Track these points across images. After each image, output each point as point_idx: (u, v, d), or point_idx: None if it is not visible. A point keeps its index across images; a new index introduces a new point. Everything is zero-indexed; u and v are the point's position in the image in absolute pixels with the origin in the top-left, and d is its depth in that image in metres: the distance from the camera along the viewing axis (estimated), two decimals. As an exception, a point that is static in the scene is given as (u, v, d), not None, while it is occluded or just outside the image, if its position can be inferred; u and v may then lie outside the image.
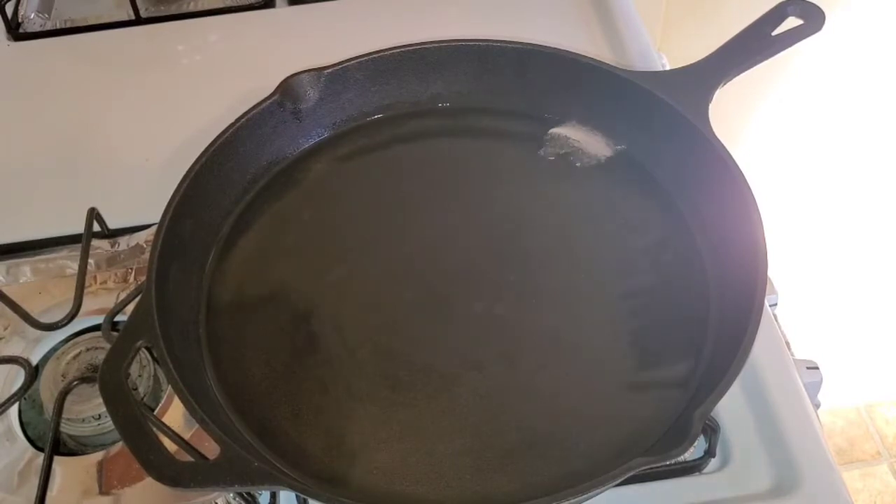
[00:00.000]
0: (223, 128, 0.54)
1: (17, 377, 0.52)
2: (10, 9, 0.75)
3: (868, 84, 1.03)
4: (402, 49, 0.58)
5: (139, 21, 0.75)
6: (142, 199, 0.57)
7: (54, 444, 0.47)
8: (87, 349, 0.52)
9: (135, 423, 0.41)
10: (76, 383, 0.50)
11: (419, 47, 0.59)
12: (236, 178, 0.56)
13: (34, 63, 0.73)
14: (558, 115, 0.59)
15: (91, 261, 0.55)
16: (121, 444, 0.48)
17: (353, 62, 0.58)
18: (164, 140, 0.65)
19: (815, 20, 0.56)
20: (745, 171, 0.50)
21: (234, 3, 0.76)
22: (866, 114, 1.06)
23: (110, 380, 0.42)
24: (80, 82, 0.71)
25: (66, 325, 0.51)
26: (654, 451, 0.41)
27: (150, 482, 0.40)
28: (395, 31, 0.63)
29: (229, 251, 0.54)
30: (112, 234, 0.58)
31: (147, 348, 0.45)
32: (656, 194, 0.56)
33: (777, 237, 0.52)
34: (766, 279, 0.46)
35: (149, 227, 0.57)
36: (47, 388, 0.50)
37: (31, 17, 0.76)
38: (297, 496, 0.48)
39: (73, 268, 0.55)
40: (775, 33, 0.56)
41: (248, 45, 0.74)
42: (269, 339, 0.51)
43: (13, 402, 0.49)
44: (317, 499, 0.42)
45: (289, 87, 0.56)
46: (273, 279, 0.53)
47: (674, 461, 0.47)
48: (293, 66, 0.57)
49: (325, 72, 0.57)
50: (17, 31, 0.75)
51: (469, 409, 0.47)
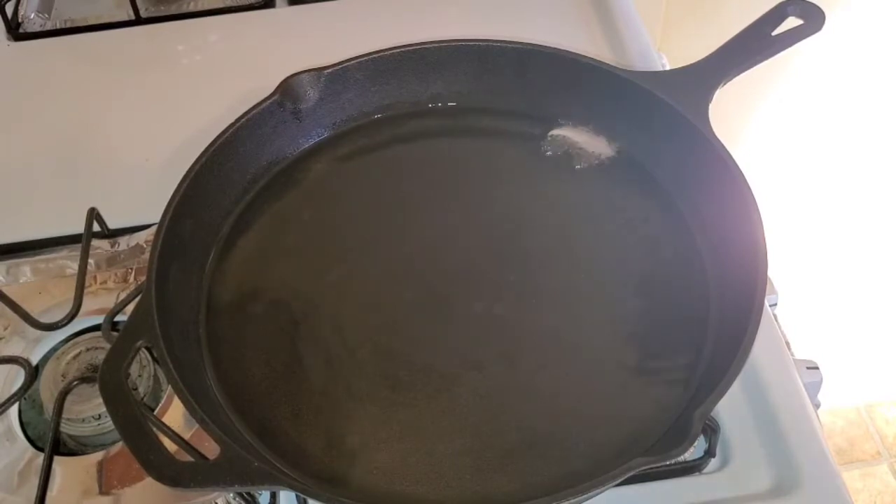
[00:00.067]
0: (223, 128, 0.54)
1: (17, 377, 0.52)
2: (10, 9, 0.75)
3: (868, 84, 1.03)
4: (402, 49, 0.58)
5: (139, 21, 0.75)
6: (142, 199, 0.57)
7: (54, 444, 0.47)
8: (87, 349, 0.52)
9: (135, 423, 0.41)
10: (76, 383, 0.50)
11: (419, 47, 0.59)
12: (236, 178, 0.56)
13: (34, 63, 0.73)
14: (558, 115, 0.59)
15: (91, 261, 0.55)
16: (121, 444, 0.48)
17: (353, 62, 0.58)
18: (164, 140, 0.65)
19: (815, 20, 0.56)
20: (745, 171, 0.50)
21: (234, 3, 0.76)
22: (866, 114, 1.06)
23: (110, 380, 0.42)
24: (80, 82, 0.71)
25: (66, 325, 0.51)
26: (654, 451, 0.41)
27: (150, 482, 0.40)
28: (395, 31, 0.63)
29: (229, 251, 0.54)
30: (112, 234, 0.58)
31: (147, 348, 0.45)
32: (656, 194, 0.56)
33: (777, 237, 0.52)
34: (766, 279, 0.46)
35: (149, 227, 0.57)
36: (47, 388, 0.50)
37: (31, 17, 0.76)
38: (297, 496, 0.48)
39: (73, 268, 0.55)
40: (775, 33, 0.56)
41: (248, 45, 0.74)
42: (269, 339, 0.51)
43: (13, 402, 0.49)
44: (317, 499, 0.42)
45: (289, 87, 0.56)
46: (273, 279, 0.53)
47: (674, 461, 0.47)
48: (293, 66, 0.57)
49: (325, 72, 0.57)
50: (17, 31, 0.75)
51: (469, 409, 0.47)
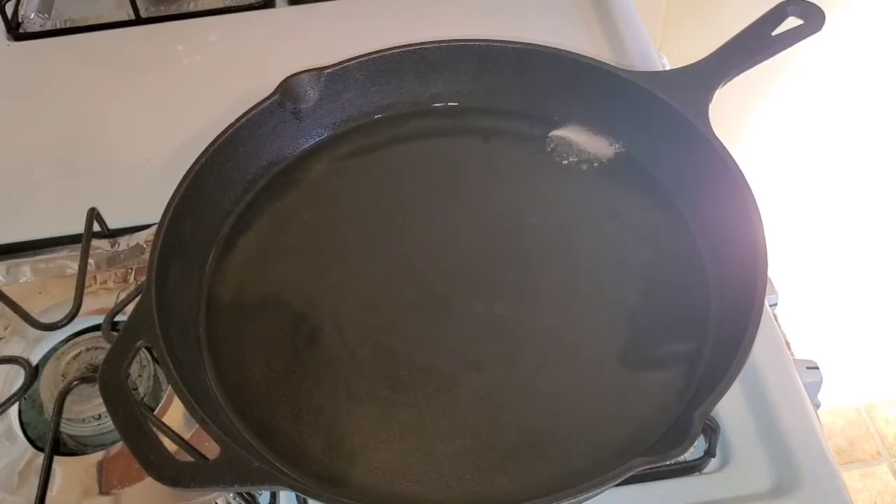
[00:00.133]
0: (223, 128, 0.54)
1: (17, 377, 0.52)
2: (10, 9, 0.75)
3: (868, 84, 1.03)
4: (402, 49, 0.58)
5: (139, 21, 0.75)
6: (142, 199, 0.57)
7: (54, 444, 0.47)
8: (87, 349, 0.52)
9: (135, 423, 0.41)
10: (76, 383, 0.50)
11: (419, 47, 0.59)
12: (236, 178, 0.56)
13: (34, 63, 0.73)
14: (558, 115, 0.59)
15: (91, 261, 0.55)
16: (121, 444, 0.48)
17: (353, 62, 0.58)
18: (164, 140, 0.65)
19: (815, 20, 0.56)
20: (745, 171, 0.50)
21: (234, 3, 0.76)
22: (866, 114, 1.06)
23: (110, 380, 0.42)
24: (80, 82, 0.71)
25: (66, 325, 0.51)
26: (654, 451, 0.41)
27: (150, 482, 0.40)
28: (395, 31, 0.63)
29: (229, 251, 0.54)
30: (112, 234, 0.58)
31: (147, 348, 0.45)
32: (656, 194, 0.56)
33: (777, 237, 0.52)
34: (766, 279, 0.46)
35: (149, 227, 0.57)
36: (47, 388, 0.50)
37: (31, 17, 0.76)
38: (297, 496, 0.48)
39: (73, 268, 0.55)
40: (775, 33, 0.56)
41: (248, 45, 0.74)
42: (269, 339, 0.51)
43: (13, 402, 0.49)
44: (317, 499, 0.42)
45: (289, 87, 0.56)
46: (273, 279, 0.53)
47: (674, 461, 0.47)
48: (293, 66, 0.57)
49: (325, 72, 0.57)
50: (17, 31, 0.75)
51: (469, 409, 0.47)
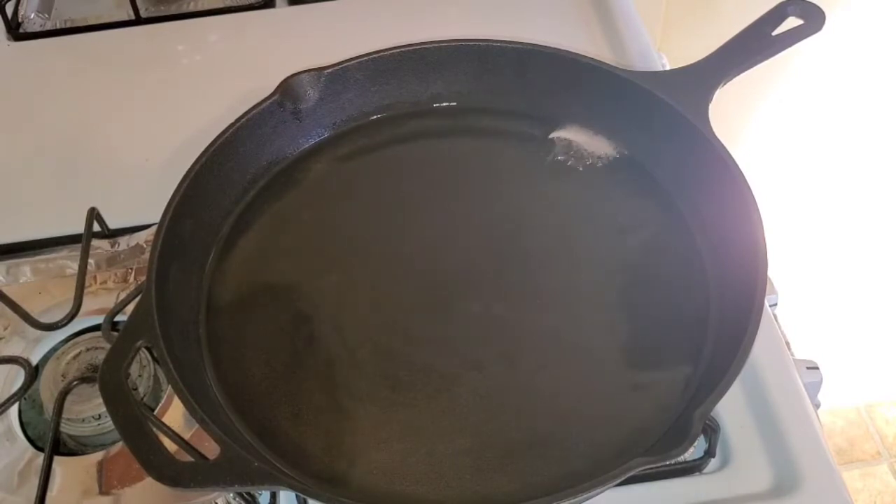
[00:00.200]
0: (223, 128, 0.54)
1: (17, 377, 0.52)
2: (10, 9, 0.75)
3: (868, 84, 1.03)
4: (402, 49, 0.58)
5: (139, 21, 0.75)
6: (142, 199, 0.57)
7: (54, 444, 0.47)
8: (87, 349, 0.52)
9: (135, 423, 0.41)
10: (76, 383, 0.50)
11: (419, 47, 0.59)
12: (236, 178, 0.56)
13: (34, 63, 0.73)
14: (558, 115, 0.59)
15: (91, 261, 0.55)
16: (121, 444, 0.48)
17: (353, 62, 0.58)
18: (164, 140, 0.65)
19: (815, 20, 0.56)
20: (745, 171, 0.50)
21: (234, 3, 0.76)
22: (866, 114, 1.06)
23: (110, 380, 0.42)
24: (80, 82, 0.71)
25: (66, 325, 0.51)
26: (654, 451, 0.41)
27: (150, 482, 0.40)
28: (395, 31, 0.63)
29: (229, 251, 0.54)
30: (112, 234, 0.58)
31: (147, 348, 0.45)
32: (656, 194, 0.56)
33: (777, 237, 0.52)
34: (766, 279, 0.46)
35: (149, 227, 0.57)
36: (47, 388, 0.50)
37: (31, 17, 0.76)
38: (297, 496, 0.48)
39: (73, 268, 0.55)
40: (775, 33, 0.56)
41: (248, 45, 0.74)
42: (269, 339, 0.50)
43: (13, 402, 0.49)
44: (317, 499, 0.42)
45: (289, 87, 0.56)
46: (273, 279, 0.53)
47: (674, 461, 0.47)
48: (293, 66, 0.57)
49: (325, 72, 0.57)
50: (17, 31, 0.75)
51: (469, 409, 0.47)
